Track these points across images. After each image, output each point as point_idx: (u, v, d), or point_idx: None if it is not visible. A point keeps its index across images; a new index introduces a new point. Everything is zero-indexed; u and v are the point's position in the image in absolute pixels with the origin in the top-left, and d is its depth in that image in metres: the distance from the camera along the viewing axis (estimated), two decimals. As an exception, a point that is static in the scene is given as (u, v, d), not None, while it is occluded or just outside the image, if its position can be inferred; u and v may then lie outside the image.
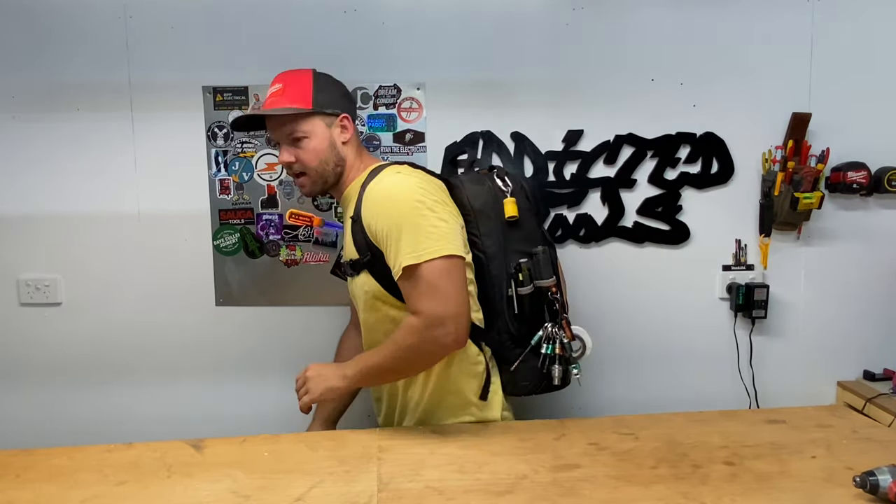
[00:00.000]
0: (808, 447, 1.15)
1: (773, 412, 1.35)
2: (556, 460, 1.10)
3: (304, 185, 1.33)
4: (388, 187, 1.22)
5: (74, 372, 1.86)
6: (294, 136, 1.28)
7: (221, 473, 1.05)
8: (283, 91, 1.29)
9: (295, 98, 1.28)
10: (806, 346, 1.84)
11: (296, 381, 1.31)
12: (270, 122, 1.31)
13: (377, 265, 1.23)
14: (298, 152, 1.29)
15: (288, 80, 1.31)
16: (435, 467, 1.07)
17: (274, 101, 1.29)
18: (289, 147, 1.30)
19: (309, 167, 1.29)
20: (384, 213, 1.19)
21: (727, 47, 1.74)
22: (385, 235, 1.19)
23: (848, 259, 1.81)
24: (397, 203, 1.19)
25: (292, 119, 1.28)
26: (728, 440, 1.18)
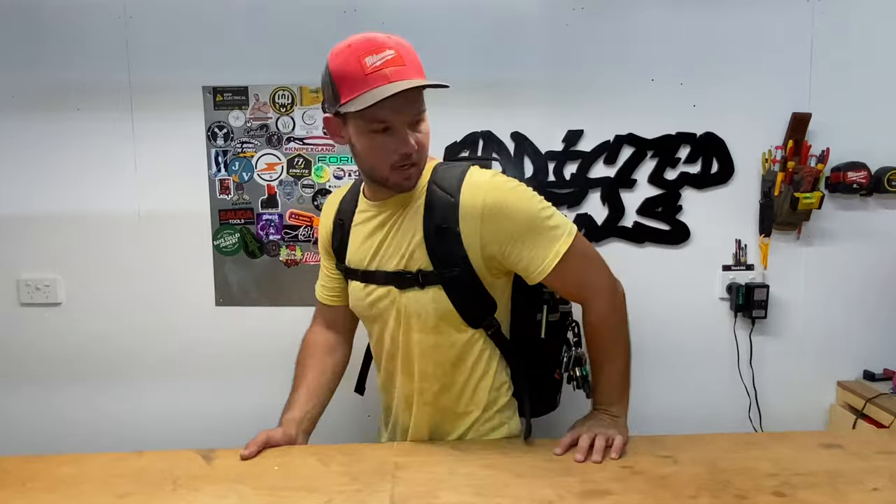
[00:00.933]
0: (869, 477, 1.01)
1: (829, 435, 1.21)
2: (585, 485, 1.00)
3: (412, 176, 1.09)
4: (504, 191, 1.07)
5: (74, 372, 1.86)
6: (420, 116, 1.06)
7: (228, 488, 1.01)
8: (402, 58, 1.02)
9: (418, 68, 1.04)
10: (806, 346, 1.84)
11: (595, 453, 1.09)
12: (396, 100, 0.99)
13: (460, 282, 1.10)
14: (419, 137, 1.06)
15: (396, 46, 1.03)
16: (452, 489, 0.99)
17: (401, 72, 1.01)
18: (410, 132, 1.05)
19: (424, 156, 1.09)
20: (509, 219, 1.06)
21: (727, 47, 1.74)
22: (520, 237, 1.07)
23: (848, 259, 1.81)
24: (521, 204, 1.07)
25: (420, 96, 1.05)
26: (778, 467, 1.04)
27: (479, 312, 1.14)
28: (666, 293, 1.83)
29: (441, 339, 1.14)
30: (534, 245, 1.07)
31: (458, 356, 1.15)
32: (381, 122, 1.03)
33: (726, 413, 1.85)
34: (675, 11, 1.74)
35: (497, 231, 1.07)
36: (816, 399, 1.85)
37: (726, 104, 1.76)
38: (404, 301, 1.13)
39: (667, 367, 1.85)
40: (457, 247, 1.07)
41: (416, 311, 1.12)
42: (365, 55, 1.01)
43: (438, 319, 1.12)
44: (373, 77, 1.00)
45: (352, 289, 1.24)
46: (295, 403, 1.30)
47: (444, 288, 1.10)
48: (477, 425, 1.20)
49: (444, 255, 1.08)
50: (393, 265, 1.13)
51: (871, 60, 1.74)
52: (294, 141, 1.79)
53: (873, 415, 1.66)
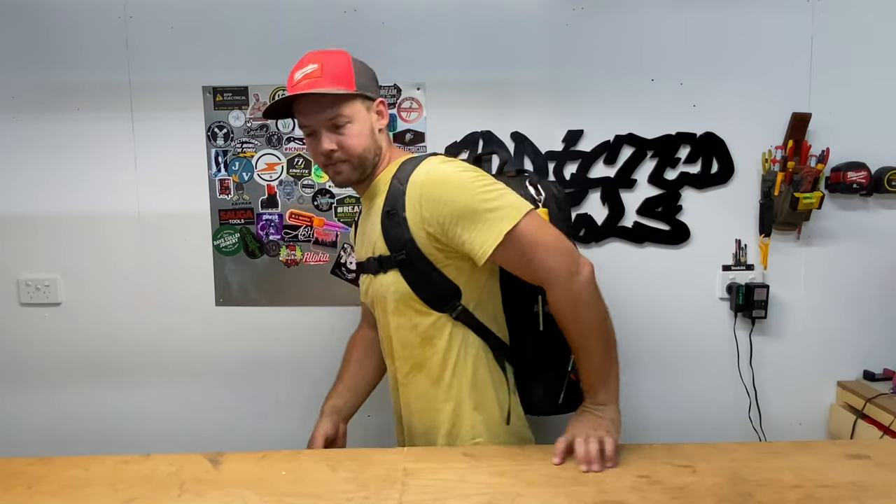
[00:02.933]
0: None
1: (855, 444, 1.18)
2: (600, 495, 0.97)
3: (342, 171, 1.21)
4: (443, 176, 1.13)
5: (74, 372, 1.87)
6: (337, 121, 1.17)
7: (234, 494, 1.00)
8: (322, 71, 1.16)
9: (337, 79, 1.17)
10: (806, 346, 1.84)
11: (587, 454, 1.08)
12: (307, 107, 1.18)
13: (412, 265, 1.16)
14: (341, 139, 1.18)
15: (325, 60, 1.18)
16: (463, 497, 0.97)
17: (313, 83, 1.16)
18: (329, 134, 1.18)
19: (353, 154, 1.19)
20: (448, 203, 1.10)
21: (727, 47, 1.74)
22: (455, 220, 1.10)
23: (848, 259, 1.81)
24: (459, 186, 1.11)
25: (335, 102, 1.16)
26: (801, 478, 1.01)
27: (438, 295, 1.18)
28: (666, 293, 1.83)
29: (404, 321, 1.21)
30: (473, 227, 1.10)
31: (424, 338, 1.20)
32: (304, 126, 1.21)
33: (726, 413, 1.85)
34: (675, 11, 1.74)
35: (435, 214, 1.12)
36: (816, 399, 1.85)
37: (726, 104, 1.76)
38: (375, 286, 1.24)
39: (667, 367, 1.85)
40: (404, 231, 1.15)
41: (382, 294, 1.22)
42: (296, 70, 1.19)
43: (398, 301, 1.20)
44: (292, 89, 1.18)
45: (360, 281, 1.35)
46: (335, 393, 1.43)
47: (400, 271, 1.18)
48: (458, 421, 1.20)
49: (395, 239, 1.17)
50: (366, 253, 1.26)
51: (871, 60, 1.74)
52: (294, 141, 1.79)
53: (873, 415, 1.66)
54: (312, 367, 1.85)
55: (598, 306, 1.15)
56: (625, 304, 1.83)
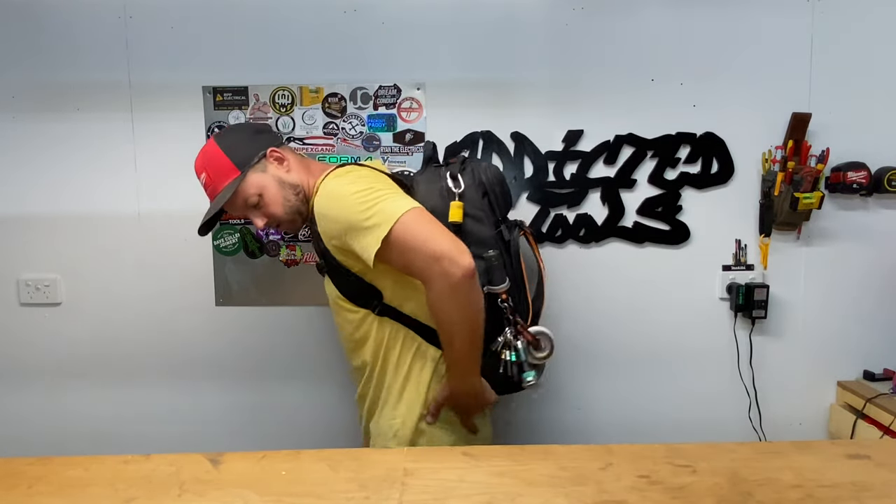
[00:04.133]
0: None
1: (855, 444, 1.18)
2: (600, 495, 0.97)
3: (289, 230, 1.37)
4: (327, 193, 1.23)
5: (74, 372, 1.87)
6: (249, 203, 1.30)
7: (234, 494, 1.00)
8: (209, 178, 1.32)
9: (220, 175, 1.30)
10: (806, 346, 1.84)
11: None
12: (228, 207, 1.33)
13: (334, 271, 1.30)
14: (264, 211, 1.31)
15: (204, 165, 1.33)
16: (463, 497, 0.98)
17: (212, 192, 1.32)
18: (255, 213, 1.32)
19: (279, 216, 1.31)
20: (333, 217, 1.21)
21: (727, 47, 1.74)
22: (344, 233, 1.20)
23: (848, 259, 1.81)
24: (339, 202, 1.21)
25: (238, 193, 1.29)
26: (801, 478, 1.01)
27: (359, 295, 1.30)
28: (666, 293, 1.83)
29: (340, 319, 1.36)
30: (357, 237, 1.19)
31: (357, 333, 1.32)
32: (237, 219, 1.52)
33: (726, 413, 1.85)
34: (675, 11, 1.74)
35: (328, 229, 1.23)
36: (816, 399, 1.85)
37: (726, 104, 1.76)
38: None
39: (667, 367, 1.85)
40: (319, 242, 1.28)
41: (326, 294, 1.37)
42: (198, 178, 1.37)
43: (333, 303, 1.35)
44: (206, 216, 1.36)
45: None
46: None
47: (329, 275, 1.33)
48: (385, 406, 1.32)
49: (318, 250, 1.31)
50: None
51: (871, 60, 1.74)
52: (294, 141, 1.79)
53: (873, 415, 1.66)
54: (312, 366, 1.85)
55: (464, 306, 1.18)
56: (625, 304, 1.84)
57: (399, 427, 1.30)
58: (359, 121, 1.78)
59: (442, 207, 1.26)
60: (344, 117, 1.78)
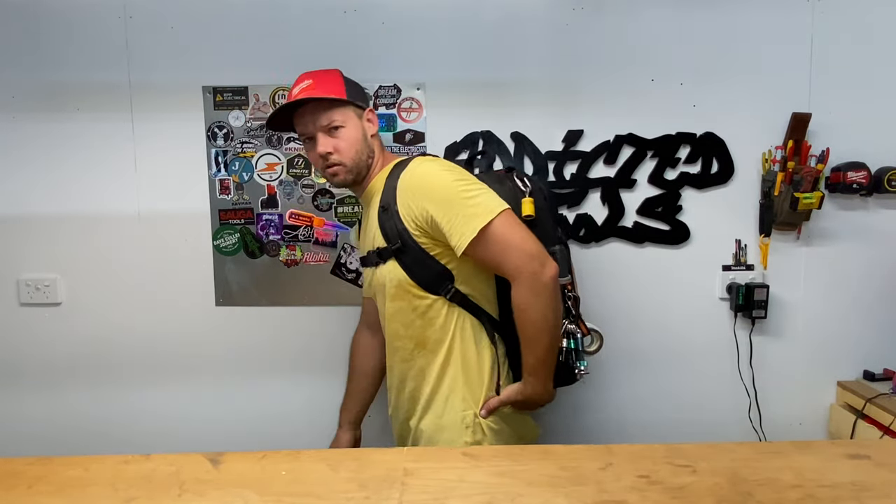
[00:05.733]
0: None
1: (856, 444, 1.18)
2: (600, 495, 0.98)
3: (338, 173, 1.33)
4: (426, 172, 1.27)
5: (74, 372, 1.87)
6: (332, 125, 1.31)
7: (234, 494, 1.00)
8: (315, 85, 1.32)
9: (329, 89, 1.32)
10: (806, 346, 1.84)
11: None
12: (304, 115, 1.33)
13: (407, 253, 1.27)
14: (336, 142, 1.31)
15: (317, 76, 1.34)
16: (463, 497, 0.98)
17: (304, 92, 1.31)
18: (326, 137, 1.32)
19: (346, 156, 1.32)
20: (430, 196, 1.23)
21: (727, 47, 1.74)
22: (441, 215, 1.22)
23: (848, 259, 1.81)
24: (441, 183, 1.24)
25: (329, 108, 1.31)
26: (801, 478, 1.01)
27: (432, 278, 1.28)
28: (666, 293, 1.83)
29: (404, 304, 1.31)
30: (452, 221, 1.22)
31: (423, 319, 1.30)
32: (303, 133, 1.35)
33: (726, 413, 1.85)
34: (675, 11, 1.74)
35: (420, 207, 1.24)
36: (816, 399, 1.85)
37: (726, 104, 1.76)
38: (376, 276, 1.35)
39: (667, 367, 1.85)
40: (397, 222, 1.27)
41: (382, 283, 1.33)
42: (293, 87, 1.34)
43: (396, 287, 1.30)
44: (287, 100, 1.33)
45: (364, 274, 1.48)
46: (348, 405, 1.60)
47: (397, 259, 1.29)
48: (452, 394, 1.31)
49: (390, 230, 1.28)
50: (367, 247, 1.37)
51: (871, 60, 1.74)
52: (294, 141, 1.79)
53: (873, 415, 1.66)
54: (312, 366, 1.85)
55: (553, 307, 1.24)
56: (625, 304, 1.84)
57: (471, 420, 1.30)
58: (359, 121, 1.78)
59: (513, 203, 1.30)
60: (344, 117, 1.78)
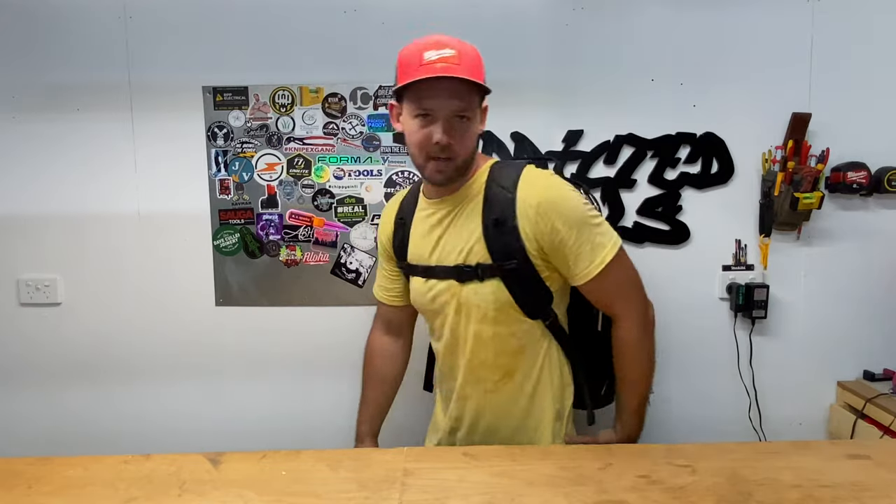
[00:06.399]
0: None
1: (855, 445, 1.19)
2: (600, 495, 0.97)
3: (446, 169, 1.14)
4: (554, 186, 1.15)
5: (74, 372, 1.87)
6: (464, 114, 1.11)
7: (234, 494, 1.00)
8: (459, 59, 1.09)
9: (473, 71, 1.10)
10: (806, 346, 1.84)
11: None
12: (438, 91, 1.09)
13: (518, 273, 1.15)
14: (457, 136, 1.12)
15: (461, 48, 1.11)
16: (462, 497, 0.98)
17: (452, 68, 1.08)
18: (450, 125, 1.11)
19: (461, 154, 1.14)
20: (562, 216, 1.12)
21: (727, 47, 1.74)
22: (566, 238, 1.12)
23: (848, 259, 1.81)
24: (574, 205, 1.14)
25: (468, 94, 1.11)
26: (801, 478, 1.01)
27: (537, 303, 1.19)
28: (666, 293, 1.81)
29: (501, 329, 1.19)
30: (580, 249, 1.13)
31: (519, 345, 1.20)
32: (422, 108, 1.11)
33: (726, 413, 1.85)
34: (675, 11, 1.74)
35: (550, 228, 1.12)
36: (816, 399, 1.85)
37: (726, 104, 1.76)
38: (465, 294, 1.18)
39: (667, 367, 1.85)
40: (515, 240, 1.13)
41: (476, 303, 1.18)
42: (426, 50, 1.10)
43: (497, 310, 1.17)
44: (424, 68, 1.08)
45: (414, 285, 1.29)
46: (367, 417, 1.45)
47: (503, 280, 1.15)
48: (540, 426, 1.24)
49: (503, 248, 1.14)
50: (452, 259, 1.19)
51: (871, 60, 1.74)
52: (294, 141, 1.79)
53: (873, 415, 1.66)
54: (312, 366, 1.85)
55: (653, 347, 1.24)
56: (625, 304, 1.83)
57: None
58: (359, 121, 1.78)
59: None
60: (344, 117, 1.78)
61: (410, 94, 1.11)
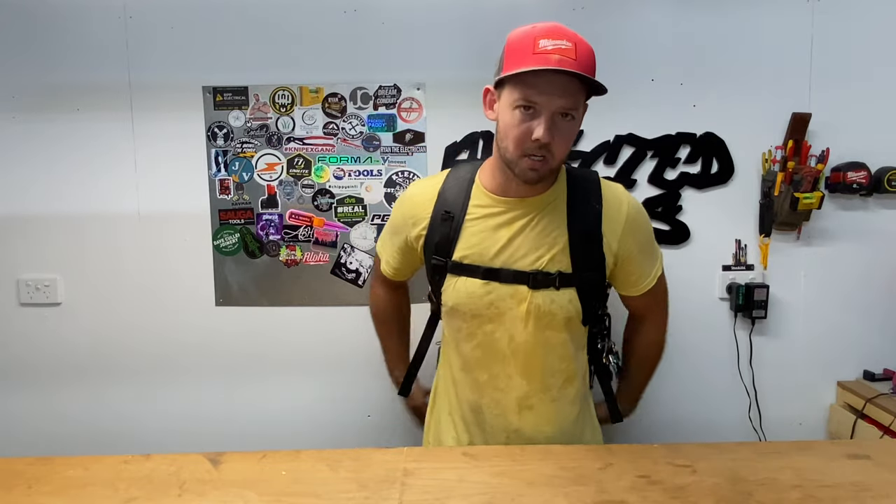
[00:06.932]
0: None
1: (855, 445, 1.19)
2: (600, 495, 0.98)
3: (541, 168, 1.07)
4: (639, 207, 1.22)
5: (74, 372, 1.86)
6: (570, 112, 1.05)
7: (234, 494, 1.01)
8: (576, 53, 1.02)
9: (588, 69, 1.03)
10: (806, 346, 1.84)
11: None
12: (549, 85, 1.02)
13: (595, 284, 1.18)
14: (559, 134, 1.05)
15: (578, 42, 1.04)
16: (462, 497, 0.98)
17: (567, 62, 1.01)
18: (552, 123, 1.04)
19: (559, 154, 1.07)
20: (639, 235, 1.20)
21: (727, 47, 1.74)
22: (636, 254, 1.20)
23: (848, 259, 1.81)
24: (648, 221, 1.23)
25: (578, 92, 1.04)
26: (801, 478, 1.01)
27: (596, 311, 1.25)
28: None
29: (569, 336, 1.20)
30: (645, 261, 1.22)
31: (577, 349, 1.25)
32: (526, 99, 1.03)
33: (726, 413, 1.85)
34: (675, 11, 1.74)
35: (632, 241, 1.18)
36: (816, 399, 1.85)
37: (726, 104, 1.76)
38: (538, 301, 1.14)
39: (666, 367, 1.83)
40: (598, 252, 1.16)
41: (551, 311, 1.15)
42: (542, 37, 1.03)
43: (570, 318, 1.17)
44: (538, 57, 1.01)
45: (464, 286, 1.18)
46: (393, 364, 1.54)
47: (578, 289, 1.16)
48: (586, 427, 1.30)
49: (586, 259, 1.15)
50: (527, 264, 1.14)
51: (871, 60, 1.74)
52: (294, 141, 1.79)
53: (873, 415, 1.66)
54: (312, 366, 1.85)
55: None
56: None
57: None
58: (359, 121, 1.78)
59: None
60: (344, 117, 1.78)
61: (515, 82, 1.04)
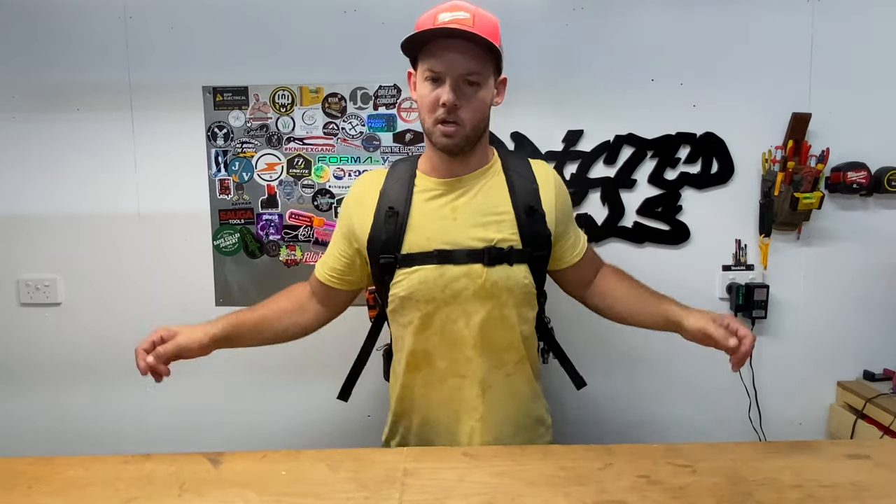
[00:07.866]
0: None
1: (856, 445, 1.18)
2: (600, 495, 0.97)
3: (455, 134, 1.12)
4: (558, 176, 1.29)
5: (74, 372, 1.87)
6: (472, 78, 1.09)
7: (234, 494, 1.01)
8: (474, 21, 1.08)
9: (490, 34, 1.08)
10: (806, 347, 1.84)
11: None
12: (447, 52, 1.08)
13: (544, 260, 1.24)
14: (465, 99, 1.10)
15: (476, 12, 1.10)
16: (462, 497, 0.98)
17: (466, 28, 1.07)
18: (458, 87, 1.09)
19: (469, 120, 1.12)
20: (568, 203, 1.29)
21: (727, 47, 1.74)
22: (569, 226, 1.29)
23: (848, 259, 1.81)
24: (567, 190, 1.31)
25: (477, 56, 1.08)
26: (801, 478, 1.01)
27: (542, 288, 1.27)
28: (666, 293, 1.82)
29: (525, 312, 1.23)
30: (575, 231, 1.31)
31: (531, 328, 1.26)
32: (431, 70, 1.10)
33: (726, 413, 1.85)
34: (675, 11, 1.74)
35: (563, 212, 1.25)
36: (816, 399, 1.85)
37: (726, 104, 1.76)
38: (494, 277, 1.16)
39: (666, 367, 1.85)
40: (543, 228, 1.20)
41: (508, 287, 1.17)
42: (441, 12, 1.11)
43: (526, 294, 1.21)
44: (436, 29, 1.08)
45: (418, 276, 1.16)
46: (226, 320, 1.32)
47: (530, 266, 1.20)
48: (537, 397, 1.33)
49: (533, 235, 1.19)
50: (476, 242, 1.16)
51: (871, 60, 1.74)
52: (294, 141, 1.79)
53: (873, 415, 1.66)
54: (312, 367, 1.85)
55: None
56: (625, 304, 1.83)
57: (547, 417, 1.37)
58: (359, 121, 1.78)
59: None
60: (344, 117, 1.78)
61: (422, 58, 1.12)
